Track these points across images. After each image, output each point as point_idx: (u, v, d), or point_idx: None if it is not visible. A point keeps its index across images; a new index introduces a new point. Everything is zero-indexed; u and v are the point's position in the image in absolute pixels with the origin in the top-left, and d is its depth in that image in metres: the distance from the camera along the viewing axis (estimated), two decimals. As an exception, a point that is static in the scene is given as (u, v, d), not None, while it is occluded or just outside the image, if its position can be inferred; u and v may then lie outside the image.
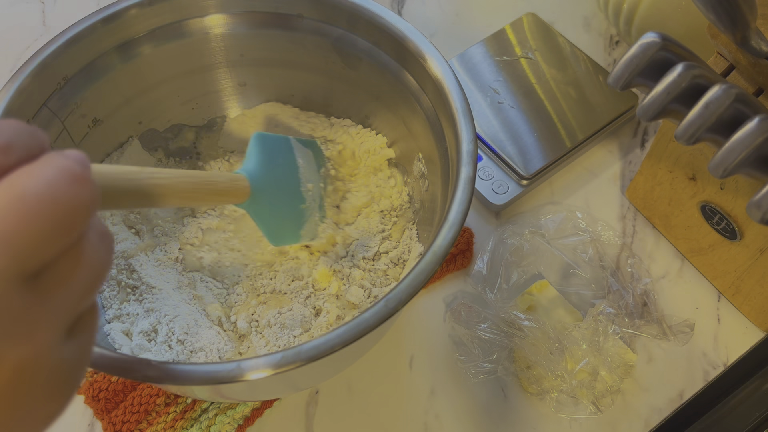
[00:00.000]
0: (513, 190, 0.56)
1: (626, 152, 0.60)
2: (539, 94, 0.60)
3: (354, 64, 0.49)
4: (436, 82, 0.43)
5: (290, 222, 0.46)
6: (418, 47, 0.44)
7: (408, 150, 0.51)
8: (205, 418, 0.47)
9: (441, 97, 0.42)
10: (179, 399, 0.47)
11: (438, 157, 0.45)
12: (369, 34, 0.47)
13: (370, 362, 0.50)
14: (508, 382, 0.49)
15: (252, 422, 0.47)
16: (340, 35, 0.48)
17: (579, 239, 0.54)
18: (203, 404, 0.48)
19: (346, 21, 0.47)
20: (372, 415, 0.48)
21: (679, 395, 0.49)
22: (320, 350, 0.32)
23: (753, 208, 0.34)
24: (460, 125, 0.40)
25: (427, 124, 0.46)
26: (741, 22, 0.36)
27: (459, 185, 0.37)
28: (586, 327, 0.48)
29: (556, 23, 0.68)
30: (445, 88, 0.42)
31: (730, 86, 0.34)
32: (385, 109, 0.50)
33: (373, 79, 0.49)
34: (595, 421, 0.47)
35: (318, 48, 0.50)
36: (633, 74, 0.35)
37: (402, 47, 0.45)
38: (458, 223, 0.36)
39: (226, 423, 0.47)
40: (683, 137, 0.35)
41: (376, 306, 0.33)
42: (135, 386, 0.47)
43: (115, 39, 0.46)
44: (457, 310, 0.51)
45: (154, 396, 0.47)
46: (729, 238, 0.48)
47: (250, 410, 0.47)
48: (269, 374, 0.32)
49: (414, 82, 0.46)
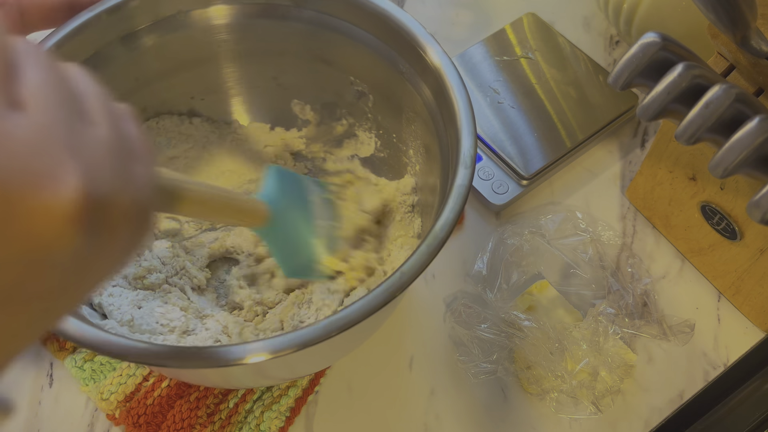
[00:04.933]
0: (513, 190, 0.56)
1: (626, 152, 0.60)
2: (539, 94, 0.60)
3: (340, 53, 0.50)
4: (442, 85, 0.43)
5: (304, 255, 0.46)
6: (433, 55, 0.44)
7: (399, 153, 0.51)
8: (252, 418, 0.47)
9: (445, 103, 0.42)
10: (221, 406, 0.47)
11: (438, 150, 0.45)
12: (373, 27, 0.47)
13: (370, 362, 0.50)
14: (508, 382, 0.49)
15: (298, 412, 0.48)
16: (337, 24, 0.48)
17: (579, 239, 0.54)
18: (246, 405, 0.47)
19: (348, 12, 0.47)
20: (372, 415, 0.48)
21: (679, 395, 0.49)
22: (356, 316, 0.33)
23: (753, 208, 0.34)
24: (462, 129, 0.40)
25: (429, 117, 0.46)
26: (741, 22, 0.36)
27: (453, 191, 0.38)
28: (586, 327, 0.48)
29: (556, 23, 0.68)
30: (451, 95, 0.42)
31: (730, 86, 0.34)
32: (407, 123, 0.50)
33: (380, 79, 0.49)
34: (595, 421, 0.47)
35: (304, 35, 0.50)
36: (633, 74, 0.35)
37: (420, 58, 0.45)
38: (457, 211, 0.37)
39: (274, 418, 0.47)
40: (683, 137, 0.35)
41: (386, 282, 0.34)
42: (171, 404, 0.47)
43: (120, 30, 0.46)
44: (457, 310, 0.50)
45: (194, 409, 0.47)
46: (729, 238, 0.48)
47: (293, 401, 0.47)
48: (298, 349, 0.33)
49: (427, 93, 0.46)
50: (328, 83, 0.52)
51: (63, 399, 0.48)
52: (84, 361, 0.48)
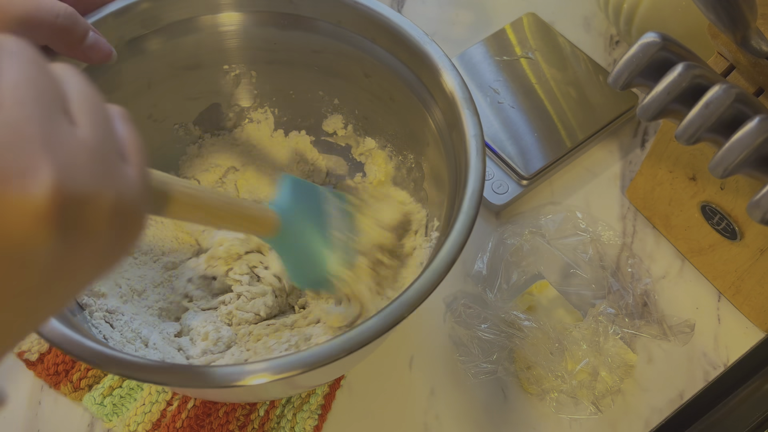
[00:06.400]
0: (513, 190, 0.56)
1: (626, 152, 0.60)
2: (539, 94, 0.60)
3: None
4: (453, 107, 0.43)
5: (318, 266, 0.45)
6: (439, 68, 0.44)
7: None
8: (285, 422, 0.47)
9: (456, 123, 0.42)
10: (251, 416, 0.47)
11: (447, 174, 0.44)
12: (384, 39, 0.47)
13: (370, 362, 0.49)
14: (508, 382, 0.49)
15: (329, 407, 0.48)
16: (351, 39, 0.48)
17: (579, 239, 0.54)
18: (276, 411, 0.47)
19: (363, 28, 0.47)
20: (372, 415, 0.48)
21: (680, 395, 0.49)
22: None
23: (753, 208, 0.34)
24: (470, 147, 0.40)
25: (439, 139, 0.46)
26: (741, 22, 0.36)
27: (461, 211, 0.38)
28: (586, 327, 0.48)
29: (556, 23, 0.68)
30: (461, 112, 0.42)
31: (730, 86, 0.34)
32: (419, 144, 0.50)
33: (387, 87, 0.49)
34: (595, 421, 0.47)
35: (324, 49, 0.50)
36: (633, 74, 0.35)
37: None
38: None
39: (307, 418, 0.47)
40: (683, 137, 0.35)
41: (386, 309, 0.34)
42: (201, 423, 0.47)
43: (126, 33, 0.46)
44: (457, 310, 0.50)
45: (224, 424, 0.46)
46: (729, 238, 0.48)
47: (322, 398, 0.47)
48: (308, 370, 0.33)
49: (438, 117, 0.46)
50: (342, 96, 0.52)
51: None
52: (103, 397, 0.47)
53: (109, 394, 0.47)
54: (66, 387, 0.48)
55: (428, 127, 0.46)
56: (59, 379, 0.48)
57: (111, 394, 0.47)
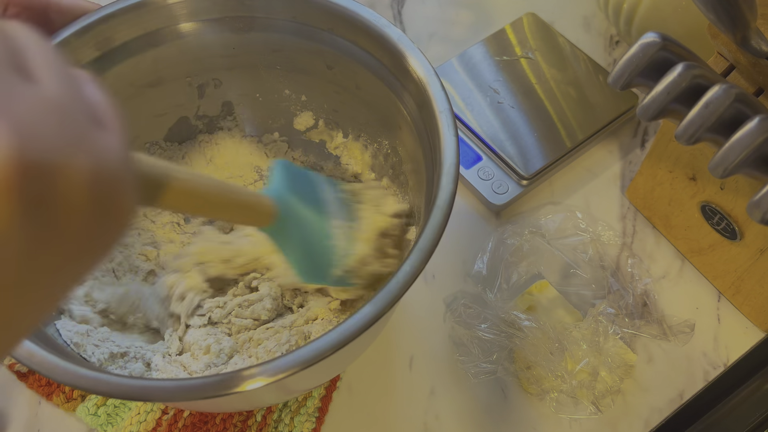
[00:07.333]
0: (513, 190, 0.56)
1: (626, 152, 0.60)
2: (539, 94, 0.60)
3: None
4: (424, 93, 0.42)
5: (319, 258, 0.42)
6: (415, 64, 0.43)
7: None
8: (283, 427, 0.47)
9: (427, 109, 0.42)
10: (249, 422, 0.47)
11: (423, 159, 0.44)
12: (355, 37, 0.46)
13: (371, 362, 0.50)
14: (508, 382, 0.49)
15: (327, 410, 0.47)
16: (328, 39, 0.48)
17: (579, 239, 0.54)
18: (273, 415, 0.47)
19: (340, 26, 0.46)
20: (372, 415, 0.48)
21: (680, 395, 0.49)
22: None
23: (753, 208, 0.34)
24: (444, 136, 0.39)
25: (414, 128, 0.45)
26: (741, 22, 0.36)
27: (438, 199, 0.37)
28: (586, 327, 0.48)
29: (556, 23, 0.68)
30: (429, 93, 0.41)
31: (730, 86, 0.34)
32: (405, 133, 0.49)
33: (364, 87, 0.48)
34: (595, 421, 0.47)
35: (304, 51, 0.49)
36: (633, 74, 0.35)
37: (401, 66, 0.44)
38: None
39: (305, 421, 0.47)
40: (683, 137, 0.35)
41: None
42: (198, 431, 0.47)
43: (82, 56, 0.45)
44: (457, 310, 0.51)
45: (221, 431, 0.46)
46: (729, 238, 0.48)
47: (319, 400, 0.47)
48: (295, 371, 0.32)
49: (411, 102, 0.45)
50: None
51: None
52: (97, 407, 0.47)
53: (103, 404, 0.47)
54: (59, 398, 0.47)
55: (398, 111, 0.46)
56: (51, 389, 0.48)
57: (105, 404, 0.47)
